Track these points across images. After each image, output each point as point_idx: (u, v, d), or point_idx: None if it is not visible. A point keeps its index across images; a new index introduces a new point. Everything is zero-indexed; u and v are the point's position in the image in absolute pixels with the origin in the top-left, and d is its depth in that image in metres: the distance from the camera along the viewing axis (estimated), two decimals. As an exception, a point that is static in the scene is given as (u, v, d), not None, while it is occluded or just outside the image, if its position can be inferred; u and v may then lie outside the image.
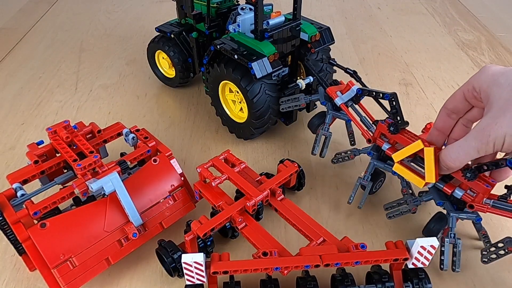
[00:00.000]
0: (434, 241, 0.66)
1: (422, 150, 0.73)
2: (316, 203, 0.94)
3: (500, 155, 0.77)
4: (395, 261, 0.69)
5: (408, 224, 0.89)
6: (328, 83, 0.99)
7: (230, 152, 0.89)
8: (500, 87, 0.62)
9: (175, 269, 0.75)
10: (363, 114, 0.94)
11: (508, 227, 0.87)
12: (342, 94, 0.92)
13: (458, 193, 0.74)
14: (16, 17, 1.91)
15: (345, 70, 1.07)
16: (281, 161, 0.89)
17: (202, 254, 0.66)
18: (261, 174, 0.88)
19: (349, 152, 0.95)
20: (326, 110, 0.96)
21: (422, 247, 0.66)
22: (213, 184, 0.81)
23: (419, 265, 0.69)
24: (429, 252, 0.67)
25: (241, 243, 0.85)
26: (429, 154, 0.71)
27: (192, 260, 0.65)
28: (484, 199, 0.73)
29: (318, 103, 1.21)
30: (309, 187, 0.98)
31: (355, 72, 1.06)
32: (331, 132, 0.95)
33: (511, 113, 0.59)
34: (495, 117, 0.61)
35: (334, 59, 1.12)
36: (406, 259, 0.69)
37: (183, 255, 0.66)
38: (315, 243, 0.74)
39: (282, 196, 0.83)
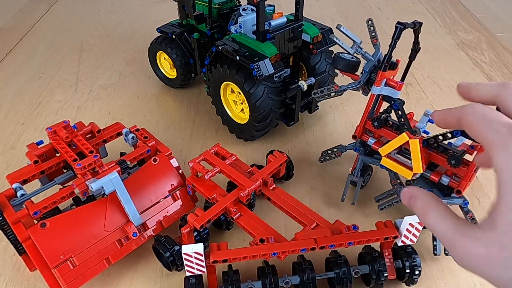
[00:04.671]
0: None
1: (407, 142, 0.75)
2: (316, 203, 0.94)
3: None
4: (385, 239, 0.72)
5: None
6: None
7: (221, 145, 0.90)
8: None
9: (173, 262, 0.75)
10: None
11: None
12: None
13: (445, 180, 0.77)
14: (16, 17, 1.91)
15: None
16: (270, 152, 0.91)
17: (201, 244, 0.68)
18: (251, 166, 0.89)
19: (335, 150, 0.95)
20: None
21: (410, 224, 0.69)
22: (206, 177, 0.82)
23: (408, 242, 0.72)
24: (416, 229, 0.70)
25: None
26: (414, 146, 0.74)
27: (192, 250, 0.67)
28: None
29: (320, 104, 1.21)
30: (309, 187, 0.98)
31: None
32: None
33: None
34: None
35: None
36: (396, 237, 0.72)
37: (183, 246, 0.67)
38: (309, 228, 0.75)
39: (274, 185, 0.84)
